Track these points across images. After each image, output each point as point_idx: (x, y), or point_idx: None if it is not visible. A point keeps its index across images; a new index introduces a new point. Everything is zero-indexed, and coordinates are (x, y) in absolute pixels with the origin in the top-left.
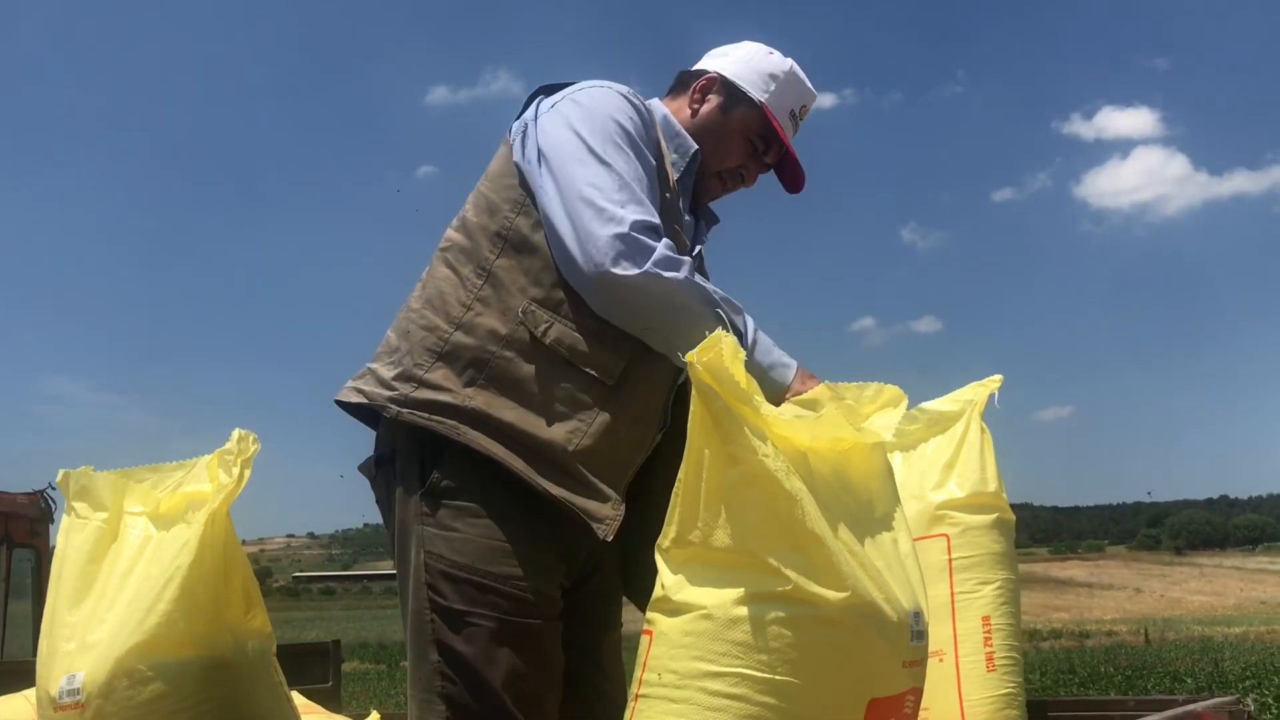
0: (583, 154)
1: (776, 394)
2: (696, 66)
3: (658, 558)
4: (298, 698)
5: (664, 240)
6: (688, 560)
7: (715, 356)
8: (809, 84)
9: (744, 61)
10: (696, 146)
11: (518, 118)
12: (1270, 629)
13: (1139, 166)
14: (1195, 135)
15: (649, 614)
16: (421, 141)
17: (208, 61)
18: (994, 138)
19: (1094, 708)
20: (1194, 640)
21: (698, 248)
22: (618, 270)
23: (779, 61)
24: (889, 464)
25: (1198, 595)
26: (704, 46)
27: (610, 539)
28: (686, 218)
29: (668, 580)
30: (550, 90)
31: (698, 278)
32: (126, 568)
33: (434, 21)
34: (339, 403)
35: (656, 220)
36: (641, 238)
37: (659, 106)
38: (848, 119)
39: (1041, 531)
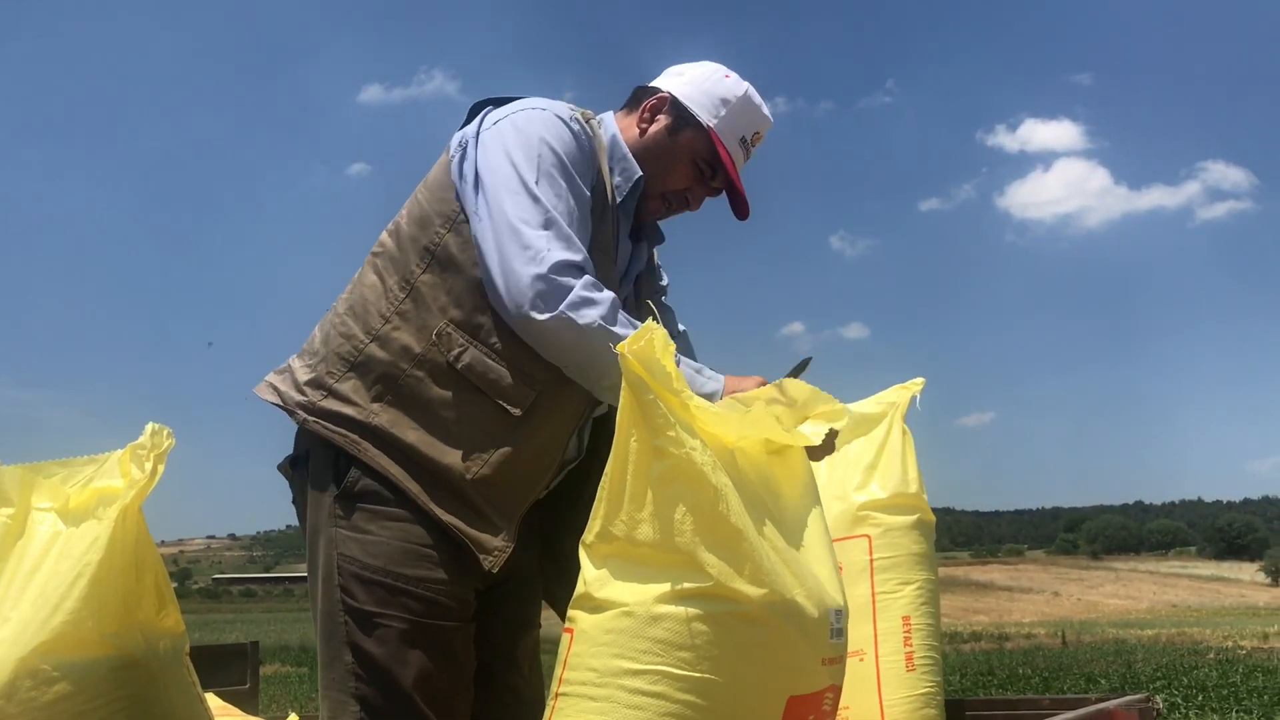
0: (515, 184)
1: None
2: (653, 83)
3: (581, 553)
4: (214, 700)
5: (583, 279)
6: (611, 555)
7: (646, 347)
8: (765, 110)
9: (697, 83)
10: (640, 173)
11: (460, 129)
12: (1180, 631)
13: (1061, 179)
14: (1116, 149)
15: (570, 611)
16: (354, 139)
17: (135, 55)
18: (921, 148)
19: (1009, 707)
20: (1109, 642)
21: (636, 271)
22: (534, 314)
23: (734, 85)
24: (810, 466)
25: (1113, 599)
26: (639, 51)
27: (496, 571)
28: (626, 241)
29: (590, 576)
30: (497, 103)
31: (622, 314)
32: (33, 565)
33: (368, 19)
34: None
35: (579, 257)
36: (559, 279)
37: (610, 124)
38: (780, 126)
39: (963, 535)
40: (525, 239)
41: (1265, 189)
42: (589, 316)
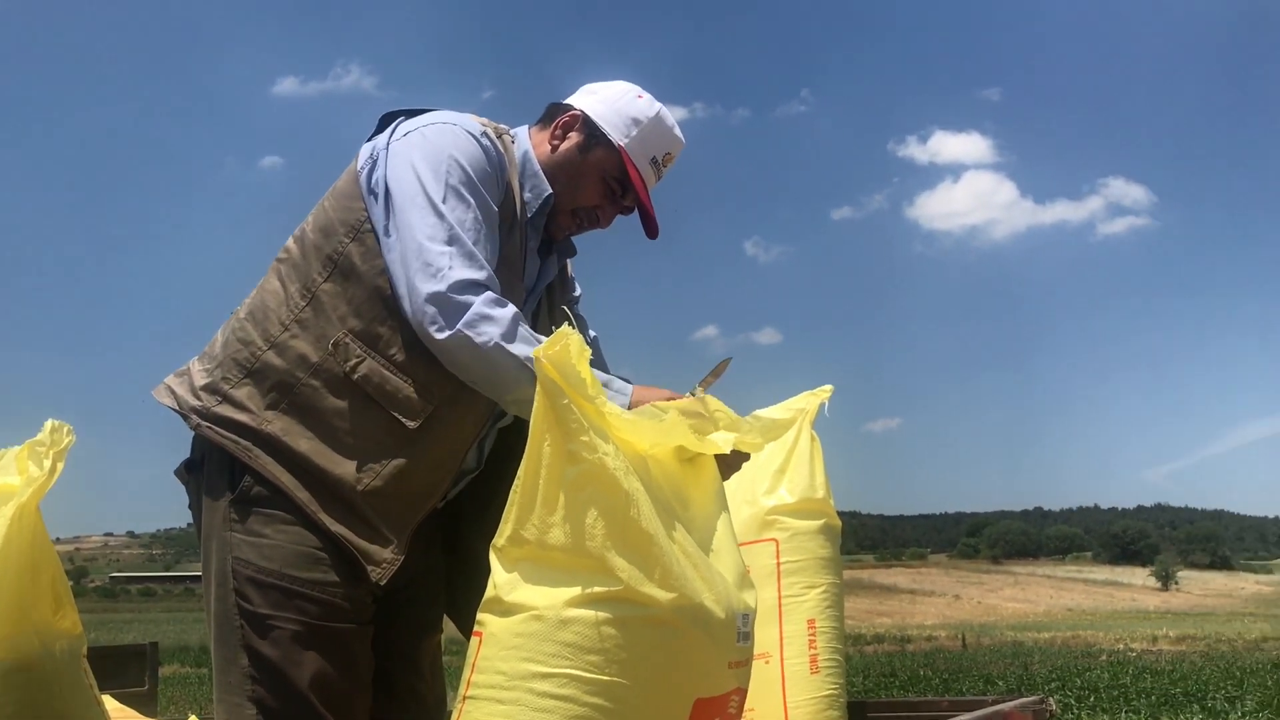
0: (421, 199)
1: None
2: (567, 100)
3: (492, 557)
4: (111, 702)
5: (483, 296)
6: (522, 559)
7: (561, 352)
8: (677, 132)
9: (609, 102)
10: (550, 191)
11: (370, 139)
12: (1075, 634)
13: (969, 191)
14: (1023, 163)
15: (480, 615)
16: (267, 132)
17: (45, 41)
18: (835, 157)
19: (910, 708)
20: (1007, 645)
21: (545, 284)
22: (433, 332)
23: (646, 106)
24: (719, 474)
25: (1011, 602)
26: (558, 52)
27: (383, 582)
28: (535, 256)
29: (500, 580)
30: (409, 114)
31: (523, 329)
32: None
33: (285, 9)
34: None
35: (481, 275)
36: (457, 297)
37: (523, 140)
38: (697, 133)
39: (868, 539)
40: (428, 256)
41: (1163, 206)
42: (487, 334)
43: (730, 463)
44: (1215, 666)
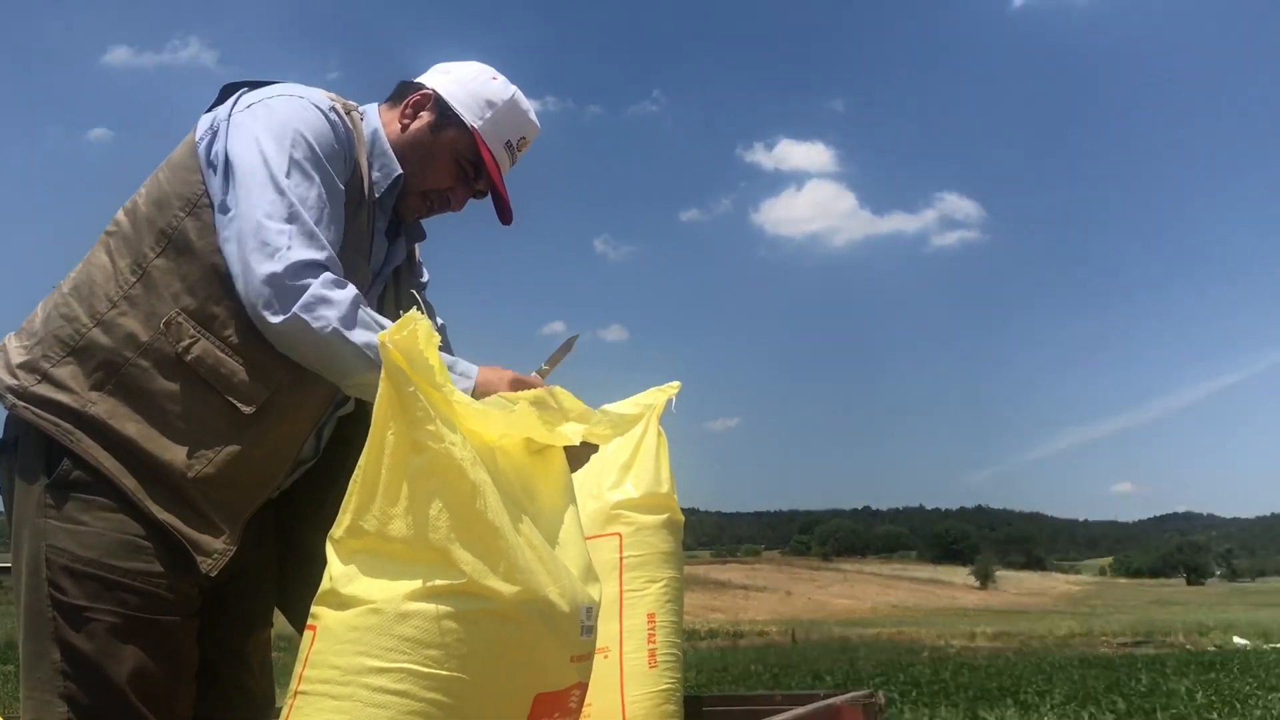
0: (262, 175)
1: None
2: (419, 79)
3: (328, 548)
4: None
5: (322, 278)
6: (360, 551)
7: (409, 338)
8: (532, 116)
9: (463, 83)
10: (400, 171)
11: (210, 109)
12: (900, 630)
13: (811, 199)
14: (863, 175)
15: (314, 608)
16: (96, 102)
17: None
18: (684, 159)
19: (745, 703)
20: (835, 640)
21: (393, 267)
22: (267, 315)
23: (500, 89)
24: (568, 466)
25: (840, 599)
26: (407, 36)
27: (214, 574)
28: (382, 238)
29: (337, 572)
30: (253, 86)
31: (363, 312)
32: None
33: None
34: None
35: (321, 255)
36: (294, 279)
37: (373, 118)
38: (548, 127)
39: (705, 535)
40: (265, 234)
41: (992, 221)
42: (324, 318)
43: (577, 455)
44: (1028, 662)
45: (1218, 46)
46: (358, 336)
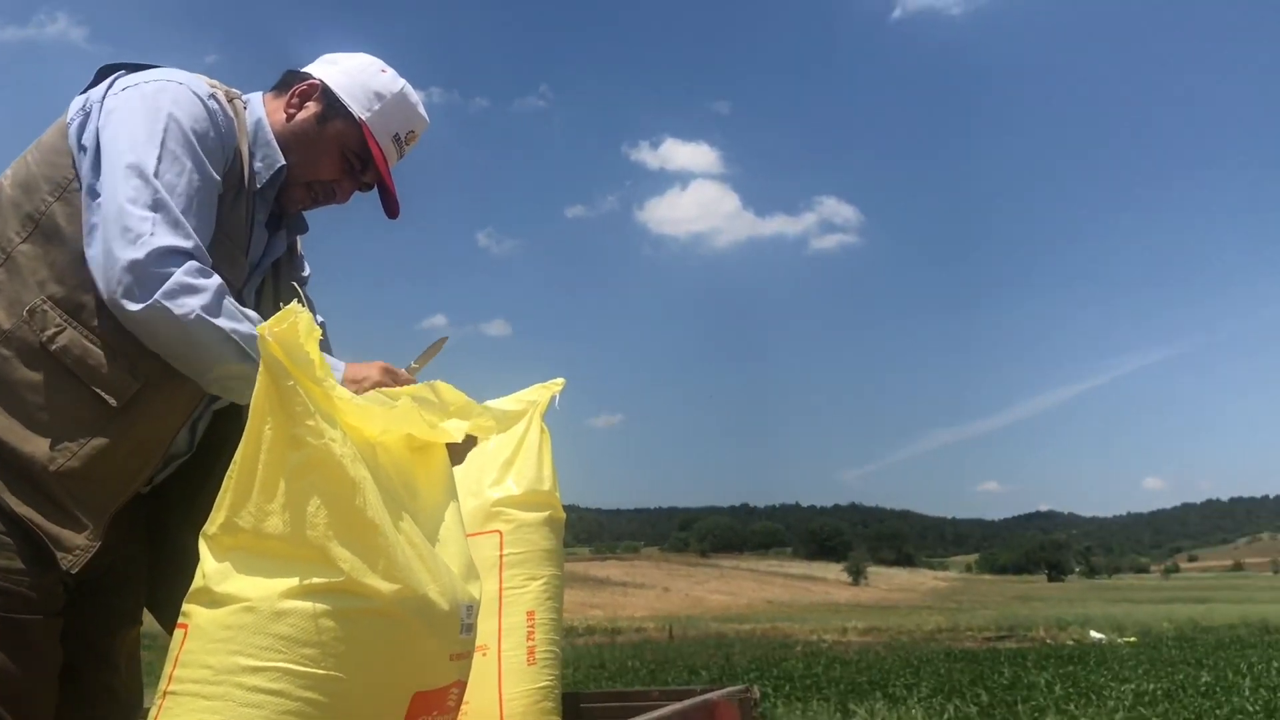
0: (131, 159)
1: None
2: (306, 69)
3: (201, 545)
4: None
5: (186, 265)
6: (235, 548)
7: (289, 330)
8: (421, 110)
9: (351, 74)
10: (283, 162)
11: (84, 91)
12: (774, 626)
13: (696, 199)
14: (747, 176)
15: (186, 606)
16: None
17: None
18: (570, 155)
19: (623, 698)
20: (711, 636)
21: (273, 259)
22: (125, 302)
23: (389, 81)
24: (449, 463)
25: (717, 595)
26: (290, 22)
27: (75, 571)
28: (262, 229)
29: (210, 570)
30: (130, 69)
31: (228, 302)
32: None
33: None
34: None
35: (187, 244)
36: (154, 269)
37: (257, 107)
38: (433, 119)
39: (585, 532)
40: (128, 220)
41: (869, 225)
42: (187, 306)
43: (457, 449)
44: (896, 656)
45: (1083, 59)
46: (223, 323)
